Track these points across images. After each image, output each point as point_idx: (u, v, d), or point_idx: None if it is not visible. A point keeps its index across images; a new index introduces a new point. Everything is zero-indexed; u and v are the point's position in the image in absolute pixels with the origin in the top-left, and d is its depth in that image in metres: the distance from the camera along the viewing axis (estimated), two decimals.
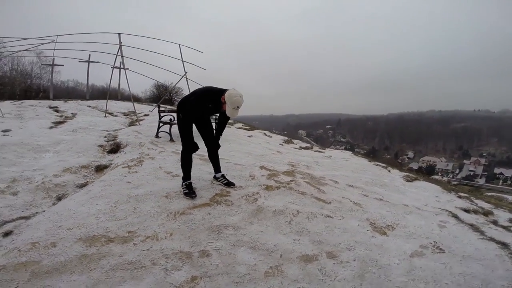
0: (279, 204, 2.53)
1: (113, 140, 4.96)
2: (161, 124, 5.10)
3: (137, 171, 3.31)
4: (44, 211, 2.49)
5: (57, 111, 8.48)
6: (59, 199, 2.85)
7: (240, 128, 8.82)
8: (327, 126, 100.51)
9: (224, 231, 2.08)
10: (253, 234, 2.05)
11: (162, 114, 5.22)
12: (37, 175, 3.27)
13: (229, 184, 2.96)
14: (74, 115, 7.74)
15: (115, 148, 4.60)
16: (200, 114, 2.78)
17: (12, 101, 11.81)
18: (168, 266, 1.69)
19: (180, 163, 2.82)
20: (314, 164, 4.70)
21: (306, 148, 7.40)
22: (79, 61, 11.23)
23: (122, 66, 6.75)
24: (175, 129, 5.80)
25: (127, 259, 1.72)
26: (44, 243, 1.83)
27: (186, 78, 6.86)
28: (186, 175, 2.78)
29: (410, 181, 4.46)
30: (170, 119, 5.08)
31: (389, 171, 5.14)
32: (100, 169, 3.72)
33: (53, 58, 11.55)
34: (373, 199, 3.06)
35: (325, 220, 2.30)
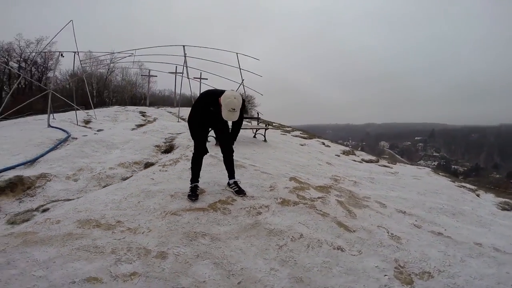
0: (285, 223, 2.15)
1: (170, 142, 5.49)
2: (210, 129, 5.33)
3: (167, 170, 3.50)
4: (82, 196, 2.89)
5: (143, 115, 10.13)
6: (103, 187, 3.28)
7: (296, 136, 8.44)
8: (416, 138, 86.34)
9: (199, 239, 1.92)
10: (228, 250, 1.81)
11: None
12: (98, 167, 3.88)
13: (240, 192, 2.77)
14: (154, 120, 9.04)
15: (169, 149, 5.07)
16: (200, 118, 2.71)
17: (119, 106, 14.65)
18: (123, 257, 1.69)
19: (190, 165, 2.81)
20: (366, 181, 3.94)
21: (370, 161, 6.40)
22: (169, 73, 13.23)
23: (187, 75, 7.48)
24: None
25: (96, 243, 1.81)
26: (53, 219, 2.10)
27: (243, 86, 7.05)
28: (193, 178, 2.74)
29: (507, 210, 3.19)
30: None
31: (478, 195, 3.83)
32: (147, 166, 4.13)
33: (149, 70, 13.67)
34: (427, 232, 2.25)
35: (329, 253, 1.78)
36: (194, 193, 2.64)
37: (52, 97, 6.39)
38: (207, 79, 12.83)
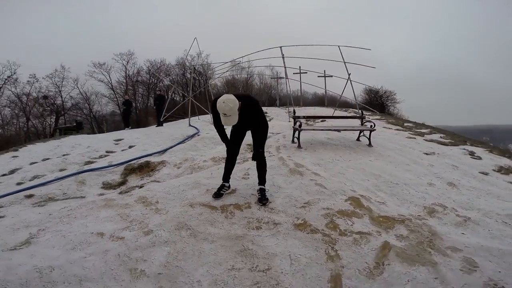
0: (272, 249, 1.82)
1: None
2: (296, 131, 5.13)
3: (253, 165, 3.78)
4: (166, 181, 3.72)
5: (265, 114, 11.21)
6: (188, 175, 4.05)
7: (432, 140, 6.29)
8: None
9: (181, 231, 2.17)
10: (189, 248, 1.92)
11: (296, 120, 5.20)
12: (198, 159, 4.80)
13: (260, 200, 2.61)
14: (270, 119, 9.81)
15: None
16: (217, 122, 2.72)
17: None
18: (131, 226, 2.29)
19: None
20: (494, 220, 2.35)
21: None
22: (294, 73, 13.87)
23: (285, 76, 7.48)
24: (306, 136, 5.58)
25: (129, 213, 2.50)
26: (132, 194, 3.07)
27: (350, 81, 6.19)
28: (223, 176, 2.87)
29: None
30: (299, 125, 4.95)
31: None
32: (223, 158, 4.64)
33: (277, 72, 14.80)
34: None
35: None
36: (218, 191, 2.79)
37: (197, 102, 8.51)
38: (305, 72, 12.24)
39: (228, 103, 2.36)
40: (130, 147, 6.30)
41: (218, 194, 2.79)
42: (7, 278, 1.61)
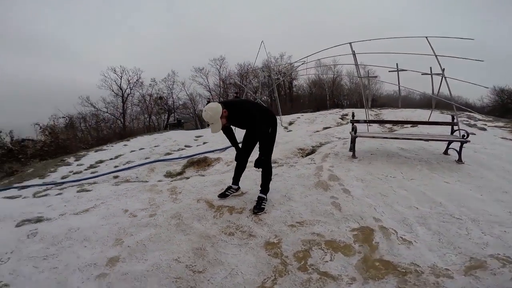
0: (230, 259, 1.75)
1: (317, 146, 5.42)
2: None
3: (284, 172, 3.70)
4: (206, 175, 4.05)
5: (343, 119, 10.38)
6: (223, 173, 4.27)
7: None
8: None
9: (171, 220, 2.47)
10: (166, 235, 2.21)
11: (354, 125, 4.51)
12: None
13: (254, 208, 2.53)
14: (348, 122, 9.00)
15: (309, 153, 5.07)
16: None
17: (339, 109, 15.65)
18: (146, 208, 2.83)
19: None
20: None
21: None
22: (389, 71, 12.11)
23: (358, 75, 6.52)
24: (363, 145, 4.69)
25: (153, 198, 3.11)
26: (172, 184, 3.56)
27: (444, 77, 4.89)
28: (232, 179, 2.97)
29: None
30: (354, 131, 4.27)
31: None
32: (274, 161, 4.57)
33: (367, 71, 13.43)
34: None
35: None
36: (224, 192, 2.90)
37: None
38: (405, 70, 9.89)
39: (208, 112, 2.40)
40: (204, 143, 7.20)
41: (223, 195, 2.91)
42: (55, 231, 2.24)
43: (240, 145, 2.89)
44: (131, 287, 1.65)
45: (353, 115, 4.91)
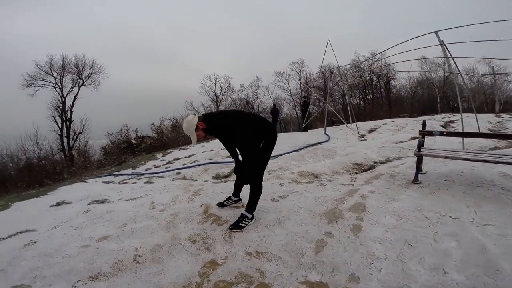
0: (170, 262, 1.78)
1: (380, 162, 4.48)
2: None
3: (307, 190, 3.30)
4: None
5: (445, 125, 8.29)
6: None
7: None
8: None
9: (169, 217, 2.71)
10: (155, 228, 2.52)
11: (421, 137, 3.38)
12: (290, 169, 4.74)
13: (233, 224, 2.42)
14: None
15: (366, 170, 4.26)
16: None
17: (449, 114, 12.57)
18: (168, 201, 3.34)
19: None
20: None
21: None
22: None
23: (457, 70, 4.82)
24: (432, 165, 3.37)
25: (187, 191, 3.53)
26: (200, 187, 3.75)
27: None
28: (233, 189, 2.94)
29: None
30: (419, 145, 3.20)
31: None
32: (316, 176, 4.09)
33: (492, 67, 10.70)
34: None
35: None
36: (222, 201, 2.94)
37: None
38: None
39: (184, 124, 2.39)
40: None
41: (221, 204, 2.92)
42: (99, 211, 2.93)
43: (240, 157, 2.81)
44: (91, 257, 2.04)
45: (423, 124, 3.72)
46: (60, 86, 17.91)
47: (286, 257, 1.88)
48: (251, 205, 2.49)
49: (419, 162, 3.23)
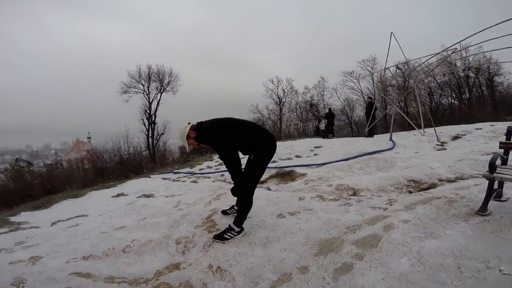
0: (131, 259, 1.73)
1: (447, 180, 3.48)
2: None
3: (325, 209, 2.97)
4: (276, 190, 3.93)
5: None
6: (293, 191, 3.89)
7: None
8: None
9: (177, 218, 2.76)
10: (151, 225, 2.73)
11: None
12: (329, 181, 4.26)
13: (218, 234, 2.36)
14: None
15: (423, 189, 3.39)
16: None
17: None
18: (191, 200, 3.43)
19: None
20: None
21: None
22: None
23: None
24: None
25: (212, 194, 3.66)
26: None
27: None
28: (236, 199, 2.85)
29: None
30: (492, 165, 2.23)
31: None
32: (354, 193, 3.52)
33: None
34: None
35: None
36: (226, 209, 2.92)
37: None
38: None
39: (178, 132, 2.40)
40: (315, 154, 6.91)
41: (224, 212, 2.90)
42: (139, 204, 3.40)
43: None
44: (97, 242, 2.39)
45: (508, 133, 2.66)
46: (147, 93, 21.72)
47: (240, 281, 1.71)
48: (238, 219, 2.37)
49: (491, 187, 2.34)
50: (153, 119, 20.99)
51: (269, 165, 5.86)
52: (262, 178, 5.16)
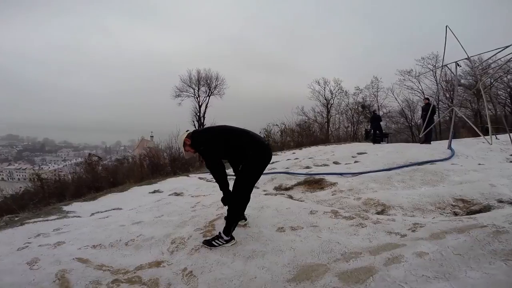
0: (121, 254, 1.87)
1: (509, 201, 2.68)
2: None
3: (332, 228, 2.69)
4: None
5: None
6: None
7: None
8: None
9: (186, 219, 2.90)
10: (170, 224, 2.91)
11: None
12: (360, 194, 3.82)
13: (207, 239, 2.35)
14: None
15: (474, 211, 2.69)
16: None
17: None
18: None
19: None
20: None
21: None
22: None
23: None
24: None
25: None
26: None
27: None
28: None
29: None
30: None
31: None
32: (383, 210, 3.04)
33: None
34: None
35: None
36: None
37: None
38: None
39: (177, 139, 2.37)
40: (355, 162, 6.33)
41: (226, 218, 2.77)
42: (164, 201, 3.69)
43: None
44: (111, 234, 2.66)
45: None
46: (197, 96, 23.41)
47: None
48: (227, 228, 2.33)
49: None
50: (202, 121, 22.60)
51: (299, 171, 5.66)
52: (288, 185, 4.97)
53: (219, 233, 2.35)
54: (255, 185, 5.12)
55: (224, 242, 2.29)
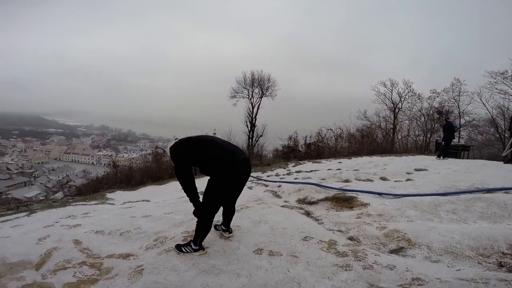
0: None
1: None
2: None
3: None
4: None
5: None
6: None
7: None
8: None
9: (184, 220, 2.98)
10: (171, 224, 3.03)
11: None
12: (395, 223, 3.19)
13: (179, 244, 2.38)
14: None
15: None
16: None
17: None
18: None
19: None
20: None
21: None
22: None
23: None
24: None
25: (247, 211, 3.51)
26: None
27: None
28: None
29: None
30: None
31: None
32: (403, 247, 2.42)
33: None
34: None
35: None
36: (216, 224, 2.78)
37: None
38: None
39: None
40: (407, 180, 5.41)
41: (215, 227, 2.77)
42: (179, 201, 3.85)
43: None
44: (120, 223, 2.95)
45: None
46: (251, 97, 23.91)
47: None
48: (195, 238, 2.31)
49: None
50: (254, 122, 23.14)
51: (335, 184, 5.14)
52: (314, 199, 4.56)
53: (190, 241, 2.35)
54: (277, 193, 4.88)
55: (192, 251, 2.29)
